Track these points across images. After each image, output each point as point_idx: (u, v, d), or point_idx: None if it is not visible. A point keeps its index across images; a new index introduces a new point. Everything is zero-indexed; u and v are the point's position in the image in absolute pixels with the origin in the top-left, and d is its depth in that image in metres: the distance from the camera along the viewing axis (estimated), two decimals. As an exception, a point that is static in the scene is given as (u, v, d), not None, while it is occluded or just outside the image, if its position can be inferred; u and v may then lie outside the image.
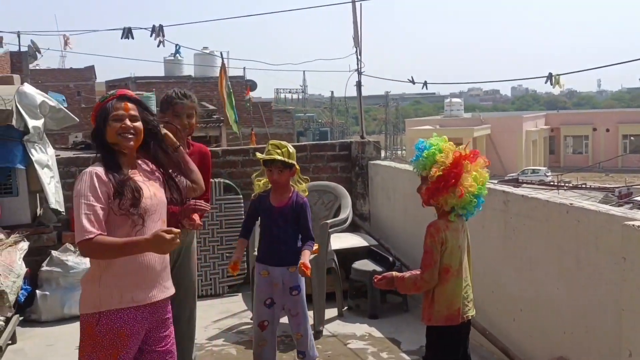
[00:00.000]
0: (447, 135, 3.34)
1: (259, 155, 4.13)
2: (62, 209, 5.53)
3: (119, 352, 2.74)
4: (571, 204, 3.83)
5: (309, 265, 3.86)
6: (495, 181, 5.18)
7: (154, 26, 6.21)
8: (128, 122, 2.80)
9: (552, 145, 54.11)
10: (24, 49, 21.99)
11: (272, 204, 4.12)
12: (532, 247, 4.21)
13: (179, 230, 2.62)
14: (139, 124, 2.84)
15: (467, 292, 3.30)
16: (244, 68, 25.85)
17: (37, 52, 21.05)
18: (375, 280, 3.37)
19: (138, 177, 2.83)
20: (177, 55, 7.60)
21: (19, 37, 20.68)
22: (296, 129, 33.13)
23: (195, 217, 3.55)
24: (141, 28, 6.09)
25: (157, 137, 2.95)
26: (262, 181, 4.18)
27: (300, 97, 59.93)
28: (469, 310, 3.30)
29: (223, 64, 10.94)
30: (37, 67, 28.99)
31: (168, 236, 2.56)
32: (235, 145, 8.75)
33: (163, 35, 6.37)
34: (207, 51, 27.02)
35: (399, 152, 43.59)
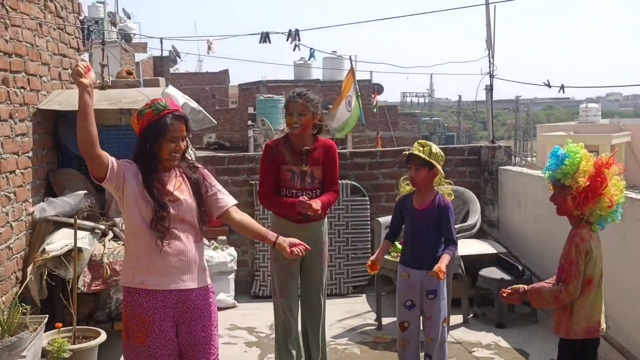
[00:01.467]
0: (582, 142, 3.21)
1: (415, 145, 4.17)
2: None
3: (147, 331, 3.00)
4: None
5: (444, 269, 3.84)
6: (638, 191, 4.89)
7: (290, 31, 6.41)
8: (181, 145, 3.02)
9: (700, 154, 50.00)
10: (165, 54, 23.39)
11: (414, 206, 4.14)
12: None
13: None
14: (185, 144, 3.07)
15: (603, 304, 3.17)
16: (371, 72, 25.93)
17: (177, 57, 22.32)
18: (504, 294, 3.25)
19: (171, 184, 3.06)
20: (312, 58, 7.81)
21: (161, 42, 22.07)
22: (422, 133, 32.78)
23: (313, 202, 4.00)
24: (278, 32, 6.33)
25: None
26: (409, 187, 4.20)
27: (427, 100, 59.22)
28: (605, 323, 3.17)
29: (352, 67, 11.03)
30: (177, 71, 30.70)
31: (288, 251, 3.20)
32: (362, 148, 8.81)
33: (299, 40, 6.56)
34: (336, 55, 27.36)
35: (530, 159, 41.93)
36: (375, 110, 21.73)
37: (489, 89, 7.59)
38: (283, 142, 4.27)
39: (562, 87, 5.95)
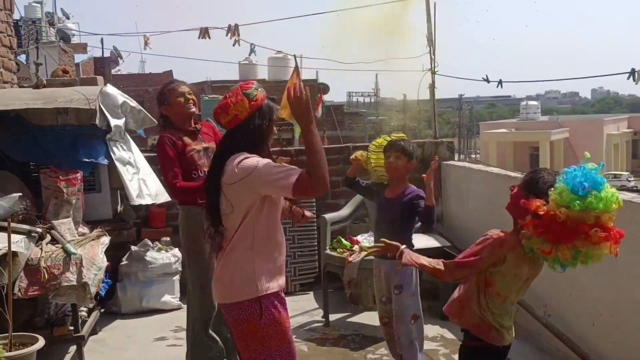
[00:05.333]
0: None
1: (392, 136, 4.26)
2: (146, 202, 5.64)
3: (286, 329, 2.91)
4: (655, 204, 3.68)
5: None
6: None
7: (229, 25, 6.35)
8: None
9: (635, 149, 51.92)
10: (106, 54, 22.86)
11: (385, 195, 4.19)
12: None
13: None
14: None
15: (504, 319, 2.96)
16: (317, 71, 25.95)
17: (119, 58, 21.84)
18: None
19: None
20: (253, 55, 7.74)
21: (102, 42, 21.54)
22: (368, 132, 32.99)
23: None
24: (217, 27, 6.26)
25: None
26: (384, 176, 4.27)
27: (373, 100, 59.65)
28: (507, 336, 2.97)
29: (297, 65, 10.98)
30: (119, 72, 30.06)
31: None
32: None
33: (238, 35, 6.50)
34: (281, 55, 27.29)
35: (474, 156, 42.74)
36: (323, 114, 21.76)
37: (432, 86, 7.68)
38: (173, 131, 4.27)
39: (500, 82, 6.07)
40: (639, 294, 3.83)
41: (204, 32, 6.35)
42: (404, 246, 3.00)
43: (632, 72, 4.83)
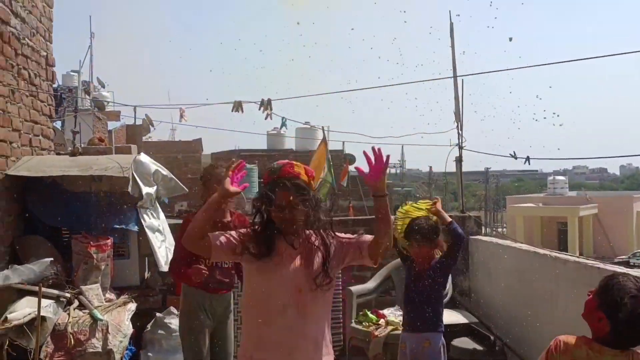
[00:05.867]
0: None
1: (419, 203, 4.36)
2: None
3: None
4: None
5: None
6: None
7: (262, 100, 6.54)
8: (287, 214, 2.83)
9: (666, 227, 50.98)
10: (139, 122, 23.43)
11: (415, 267, 4.22)
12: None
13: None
14: (299, 212, 2.84)
15: None
16: (343, 142, 26.33)
17: (150, 125, 22.37)
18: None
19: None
20: (284, 127, 7.89)
21: (135, 110, 22.08)
22: (394, 203, 32.99)
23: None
24: (250, 102, 6.45)
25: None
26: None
27: (398, 171, 59.85)
28: None
29: (324, 136, 11.16)
30: (150, 139, 30.71)
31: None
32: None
33: (271, 109, 6.68)
34: (309, 126, 27.68)
35: (500, 230, 42.34)
36: (348, 184, 21.90)
37: (459, 160, 7.74)
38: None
39: (528, 158, 6.10)
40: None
41: (238, 106, 6.54)
42: None
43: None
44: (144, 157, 5.70)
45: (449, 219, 4.15)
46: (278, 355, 2.81)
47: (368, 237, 2.96)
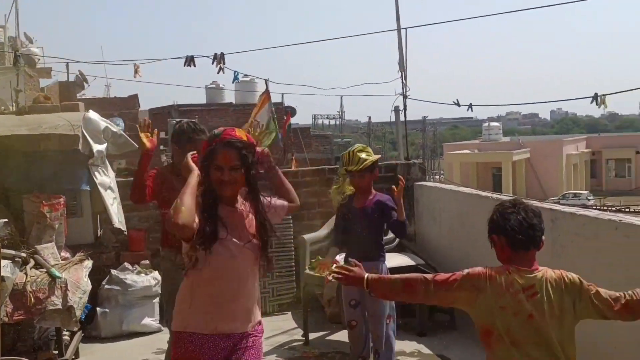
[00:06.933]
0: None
1: (364, 159, 4.40)
2: (124, 228, 5.79)
3: None
4: (620, 220, 3.93)
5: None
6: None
7: (215, 54, 6.55)
8: (226, 175, 2.85)
9: (593, 168, 53.24)
10: (72, 78, 22.66)
11: (355, 206, 4.43)
12: (581, 264, 4.27)
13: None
14: (238, 174, 2.87)
15: None
16: (282, 94, 26.30)
17: (84, 82, 21.72)
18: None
19: (230, 217, 2.90)
20: (236, 81, 7.91)
21: (67, 67, 21.37)
22: (335, 154, 33.28)
23: None
24: (204, 56, 6.45)
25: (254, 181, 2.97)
26: (340, 195, 4.53)
27: (338, 122, 60.09)
28: None
29: (267, 89, 11.13)
30: (84, 97, 29.85)
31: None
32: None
33: (224, 63, 6.70)
34: (248, 78, 27.42)
35: (438, 177, 43.37)
36: (290, 134, 21.96)
37: (398, 110, 7.95)
38: (170, 169, 4.28)
39: (470, 105, 6.35)
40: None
41: (190, 60, 6.52)
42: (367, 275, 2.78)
43: (595, 97, 5.11)
44: (92, 114, 5.65)
45: (404, 217, 4.35)
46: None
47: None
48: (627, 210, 30.04)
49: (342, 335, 5.90)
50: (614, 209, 31.63)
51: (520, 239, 2.61)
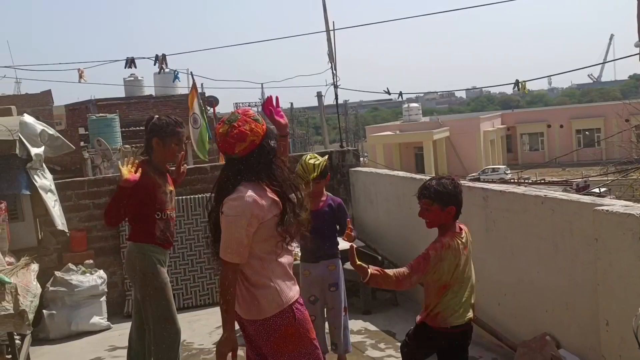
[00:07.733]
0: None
1: (318, 164, 4.49)
2: (67, 229, 5.80)
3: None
4: (545, 195, 4.29)
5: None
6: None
7: (156, 55, 6.58)
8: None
9: (509, 143, 55.40)
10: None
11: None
12: (512, 237, 4.65)
13: None
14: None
15: (459, 301, 3.39)
16: (202, 84, 26.14)
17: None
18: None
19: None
20: (177, 80, 7.90)
21: (-25, 64, 20.50)
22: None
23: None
24: (144, 57, 6.47)
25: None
26: None
27: (259, 110, 59.90)
28: (461, 318, 3.41)
29: (194, 82, 11.13)
30: (-6, 94, 28.65)
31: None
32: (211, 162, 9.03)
33: (166, 64, 6.75)
34: (167, 70, 26.96)
35: (362, 159, 44.28)
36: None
37: (321, 95, 8.18)
38: (147, 163, 4.28)
39: (400, 93, 6.64)
40: (534, 275, 4.43)
41: (131, 62, 6.51)
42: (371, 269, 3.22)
43: (517, 83, 5.49)
44: (28, 118, 5.61)
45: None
46: None
47: None
48: (542, 181, 31.59)
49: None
50: (530, 181, 33.19)
51: (460, 209, 3.39)
